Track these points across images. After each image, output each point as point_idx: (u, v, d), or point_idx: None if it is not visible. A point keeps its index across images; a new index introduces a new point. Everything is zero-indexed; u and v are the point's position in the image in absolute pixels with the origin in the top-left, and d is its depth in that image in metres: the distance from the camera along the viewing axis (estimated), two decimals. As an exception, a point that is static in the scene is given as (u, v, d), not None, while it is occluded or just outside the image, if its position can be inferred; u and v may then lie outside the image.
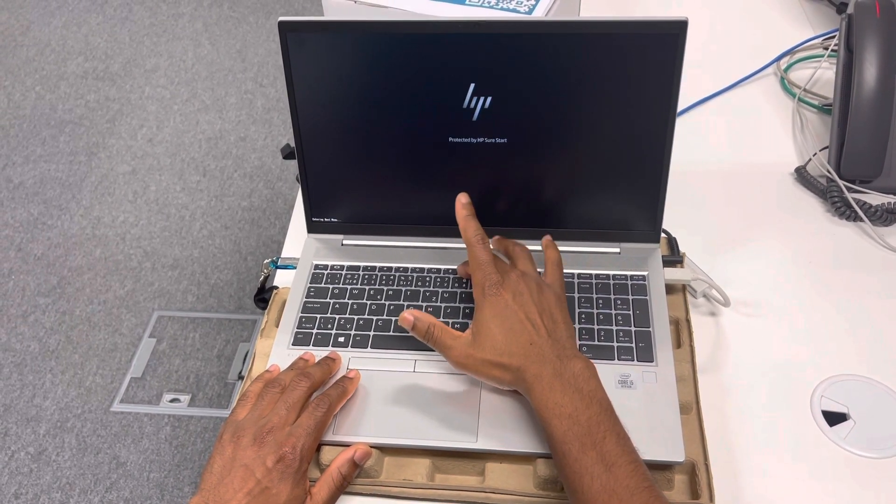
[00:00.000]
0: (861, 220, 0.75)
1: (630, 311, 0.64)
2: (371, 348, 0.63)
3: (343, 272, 0.69)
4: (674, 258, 0.70)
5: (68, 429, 1.50)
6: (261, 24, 2.56)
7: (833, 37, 0.97)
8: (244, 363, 1.58)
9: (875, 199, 0.78)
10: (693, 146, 0.85)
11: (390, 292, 0.67)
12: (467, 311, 0.65)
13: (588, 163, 0.66)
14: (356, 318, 0.65)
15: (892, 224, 0.76)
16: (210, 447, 1.46)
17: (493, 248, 0.64)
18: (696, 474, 0.55)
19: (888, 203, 0.76)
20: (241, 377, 1.53)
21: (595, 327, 0.63)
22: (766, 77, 0.96)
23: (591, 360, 0.54)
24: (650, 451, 0.54)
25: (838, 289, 0.70)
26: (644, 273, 0.67)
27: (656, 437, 0.55)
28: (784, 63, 0.97)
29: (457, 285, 0.67)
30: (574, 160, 0.66)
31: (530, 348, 0.54)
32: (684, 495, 0.55)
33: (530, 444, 0.56)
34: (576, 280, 0.67)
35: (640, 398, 0.58)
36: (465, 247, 0.61)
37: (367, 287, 0.68)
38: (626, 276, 0.67)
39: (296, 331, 0.65)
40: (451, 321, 0.64)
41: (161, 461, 1.44)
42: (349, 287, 0.68)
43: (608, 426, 0.50)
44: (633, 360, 0.61)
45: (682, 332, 0.65)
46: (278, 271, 0.74)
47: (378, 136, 0.67)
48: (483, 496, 0.56)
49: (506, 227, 0.69)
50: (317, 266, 0.70)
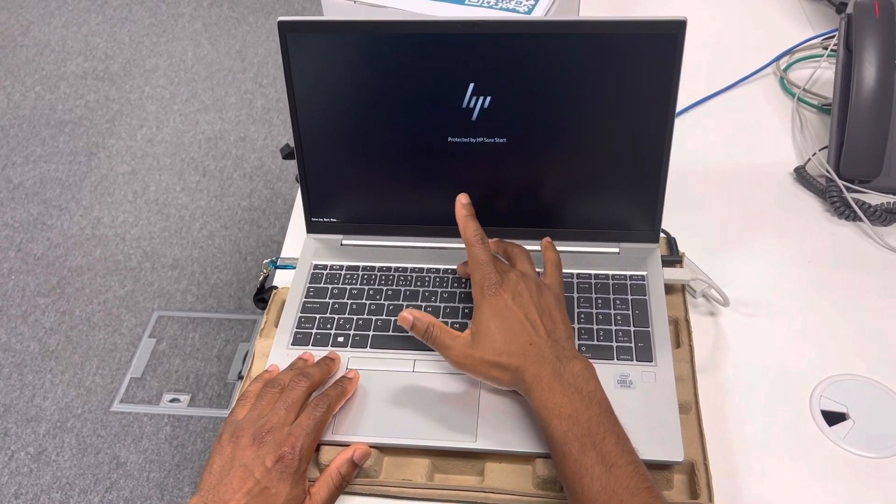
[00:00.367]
0: (860, 219, 0.75)
1: (629, 311, 0.64)
2: (370, 348, 0.63)
3: (342, 272, 0.69)
4: (673, 258, 0.70)
5: (68, 429, 1.50)
6: (260, 24, 2.56)
7: (832, 36, 0.97)
8: (244, 363, 1.58)
9: (874, 198, 0.78)
10: (692, 146, 0.85)
11: (389, 292, 0.67)
12: (466, 311, 0.65)
13: (587, 163, 0.66)
14: (355, 318, 0.65)
15: (892, 224, 0.76)
16: (210, 447, 1.46)
17: (492, 250, 0.64)
18: (695, 474, 0.55)
19: (887, 203, 0.76)
20: (240, 377, 1.53)
21: (594, 327, 0.63)
22: (766, 77, 0.96)
23: (591, 361, 0.54)
24: (649, 451, 0.54)
25: (838, 288, 0.70)
26: (643, 273, 0.67)
27: (655, 436, 0.55)
28: (783, 63, 0.97)
29: (456, 285, 0.67)
30: (573, 160, 0.66)
31: (529, 349, 0.54)
32: (683, 495, 0.55)
33: (529, 444, 0.56)
34: (575, 280, 0.67)
35: (639, 398, 0.58)
36: (464, 247, 0.61)
37: (366, 287, 0.68)
38: (625, 276, 0.67)
39: (295, 331, 0.65)
40: (450, 321, 0.64)
41: (161, 461, 1.44)
42: (348, 287, 0.68)
43: (608, 427, 0.50)
44: (632, 360, 0.61)
45: (681, 332, 0.65)
46: (278, 271, 0.74)
47: (377, 136, 0.67)
48: (482, 496, 0.56)
49: (505, 227, 0.69)
50: (316, 266, 0.70)
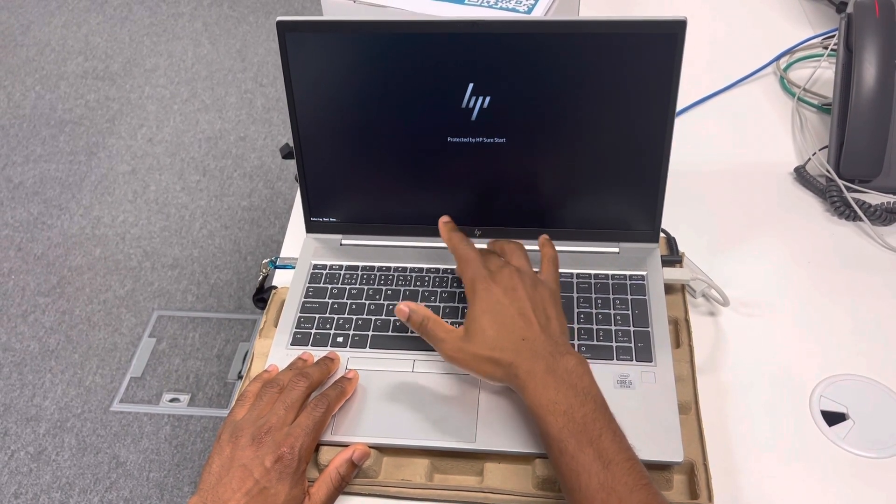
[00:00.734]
0: (860, 219, 0.75)
1: (629, 311, 0.64)
2: (370, 348, 0.63)
3: (342, 272, 0.69)
4: (673, 258, 0.70)
5: (68, 428, 1.50)
6: (260, 23, 2.56)
7: (832, 36, 0.97)
8: (244, 363, 1.57)
9: (874, 198, 0.78)
10: (692, 146, 0.85)
11: (389, 292, 0.67)
12: (465, 310, 0.65)
13: (587, 162, 0.66)
14: (355, 317, 0.65)
15: (892, 224, 0.76)
16: (210, 447, 1.46)
17: (488, 248, 0.64)
18: (694, 474, 0.55)
19: (887, 203, 0.76)
20: (240, 377, 1.53)
21: (594, 327, 0.63)
22: (766, 76, 0.96)
23: (587, 359, 0.54)
24: (649, 451, 0.54)
25: (838, 288, 0.70)
26: (643, 273, 0.67)
27: (655, 437, 0.55)
28: (783, 62, 0.97)
29: (455, 285, 0.67)
30: (573, 160, 0.66)
31: (522, 343, 0.54)
32: (683, 495, 0.55)
33: (529, 445, 0.56)
34: (574, 280, 0.67)
35: (638, 398, 0.58)
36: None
37: (365, 287, 0.68)
38: (624, 275, 0.67)
39: (294, 331, 0.65)
40: (449, 321, 0.64)
41: (161, 461, 1.44)
42: (348, 287, 0.68)
43: (604, 423, 0.50)
44: (631, 360, 0.61)
45: (681, 332, 0.65)
46: (277, 271, 0.74)
47: (377, 136, 0.67)
48: (482, 496, 0.56)
49: (505, 227, 0.69)
50: (315, 266, 0.70)
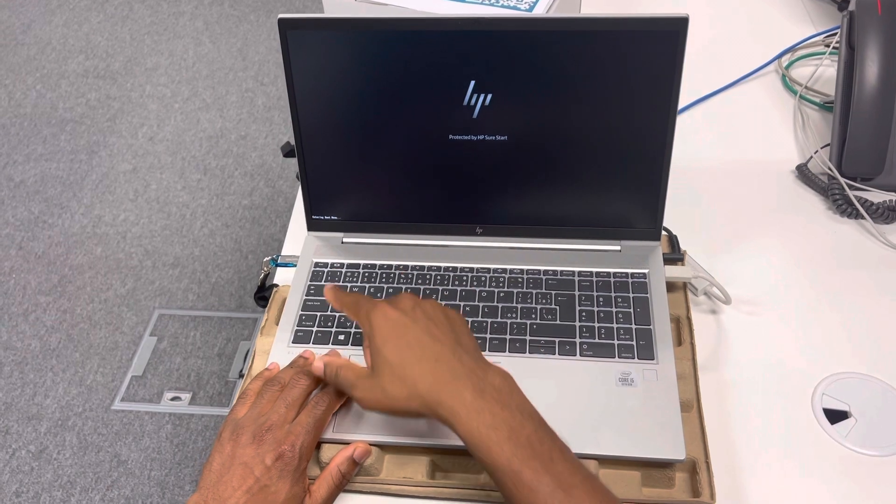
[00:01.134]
0: (862, 217, 0.75)
1: (631, 309, 0.64)
2: (371, 346, 0.63)
3: (343, 270, 0.69)
4: (675, 256, 0.70)
5: (69, 427, 1.50)
6: (261, 22, 2.55)
7: (834, 34, 0.97)
8: (245, 361, 1.57)
9: (876, 196, 0.77)
10: (694, 144, 0.85)
11: (390, 290, 0.67)
12: (467, 309, 0.65)
13: (589, 160, 0.66)
14: (356, 315, 0.65)
15: (894, 221, 0.76)
16: (211, 445, 1.45)
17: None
18: (696, 472, 0.55)
19: (889, 201, 0.76)
20: (241, 375, 1.53)
21: (595, 325, 0.63)
22: (768, 75, 0.96)
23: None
24: (651, 449, 0.54)
25: (839, 287, 0.70)
26: (645, 271, 0.67)
27: (657, 435, 0.55)
28: (785, 60, 0.96)
29: (457, 283, 0.67)
30: (575, 158, 0.66)
31: (437, 366, 0.48)
32: (685, 493, 0.55)
33: (530, 442, 0.56)
34: (576, 278, 0.67)
35: (640, 396, 0.58)
36: (465, 244, 0.61)
37: (367, 285, 0.68)
38: (626, 273, 0.67)
39: (296, 329, 0.65)
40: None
41: (162, 459, 1.44)
42: (349, 285, 0.68)
43: (550, 442, 0.46)
44: (633, 358, 0.60)
45: (682, 330, 0.65)
46: (279, 269, 0.74)
47: (378, 134, 0.67)
48: (483, 494, 0.56)
49: (506, 225, 0.69)
50: (317, 264, 0.70)
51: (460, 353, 0.49)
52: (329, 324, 0.65)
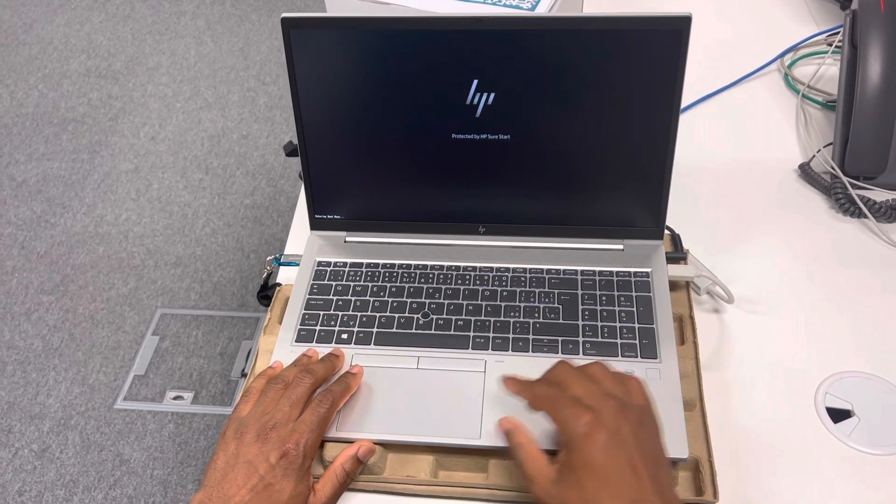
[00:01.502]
0: (865, 216, 0.75)
1: (633, 308, 0.64)
2: (374, 345, 0.63)
3: (346, 269, 0.69)
4: (677, 255, 0.70)
5: (72, 426, 1.50)
6: (263, 21, 2.56)
7: (837, 33, 0.97)
8: (247, 361, 1.58)
9: (879, 195, 0.77)
10: (697, 143, 0.85)
11: (393, 289, 0.67)
12: (470, 308, 0.65)
13: (591, 159, 0.66)
14: (359, 314, 0.65)
15: (897, 220, 0.76)
16: (213, 444, 1.46)
17: (551, 374, 0.53)
18: (699, 471, 0.55)
19: (892, 199, 0.76)
20: (243, 374, 1.53)
21: (598, 324, 0.63)
22: (770, 74, 0.96)
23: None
24: (654, 447, 0.54)
25: (842, 285, 0.70)
26: (647, 270, 0.67)
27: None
28: (788, 59, 0.96)
29: (459, 282, 0.67)
30: (577, 157, 0.66)
31: None
32: (688, 492, 0.55)
33: (535, 441, 0.56)
34: (579, 277, 0.67)
35: (643, 395, 0.58)
36: (468, 243, 0.61)
37: (370, 284, 0.68)
38: (629, 272, 0.67)
39: (299, 327, 0.65)
40: (454, 318, 0.64)
41: (164, 458, 1.45)
42: (352, 284, 0.68)
43: None
44: (636, 357, 0.60)
45: (685, 329, 0.65)
46: (281, 268, 0.74)
47: (381, 133, 0.67)
48: (487, 493, 0.56)
49: (508, 224, 0.69)
50: (320, 263, 0.70)
51: (660, 491, 0.45)
52: (332, 323, 0.65)
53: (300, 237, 0.75)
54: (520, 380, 0.54)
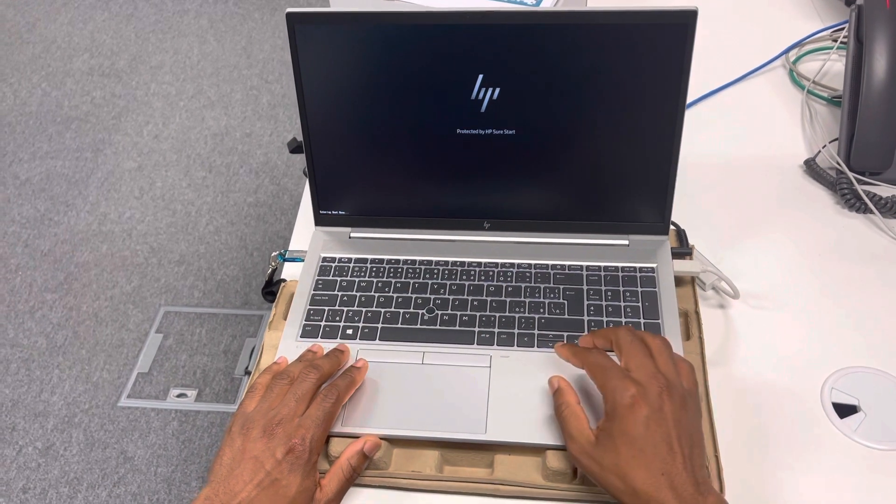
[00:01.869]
0: (871, 212, 0.75)
1: (639, 304, 0.64)
2: (379, 340, 0.63)
3: (351, 265, 0.69)
4: (683, 250, 0.70)
5: (76, 424, 1.51)
6: (266, 20, 2.56)
7: (842, 28, 0.97)
8: (251, 358, 1.58)
9: (885, 190, 0.77)
10: (702, 139, 0.85)
11: (398, 284, 0.67)
12: (475, 303, 0.65)
13: (597, 154, 0.66)
14: (364, 310, 0.65)
15: (903, 216, 0.75)
16: (217, 442, 1.46)
17: (610, 337, 0.56)
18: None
19: (898, 195, 0.75)
20: (247, 372, 1.53)
21: (604, 319, 0.63)
22: (775, 69, 0.96)
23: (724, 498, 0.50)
24: (660, 442, 0.54)
25: (848, 281, 0.70)
26: (653, 265, 0.67)
27: (666, 428, 0.55)
28: (793, 55, 0.96)
29: (465, 278, 0.67)
30: (583, 152, 0.66)
31: (661, 478, 0.47)
32: (694, 487, 0.55)
33: (540, 436, 0.56)
34: (584, 272, 0.67)
35: (649, 390, 0.58)
36: (472, 239, 0.60)
37: (374, 279, 0.68)
38: (634, 268, 0.67)
39: (304, 323, 0.65)
40: (459, 313, 0.64)
41: (168, 456, 1.45)
42: (357, 279, 0.68)
43: None
44: (642, 352, 0.60)
45: (691, 325, 0.65)
46: (286, 264, 0.74)
47: (385, 128, 0.67)
48: (492, 488, 0.56)
49: (513, 220, 0.69)
50: (324, 259, 0.70)
51: (687, 471, 0.47)
52: (337, 318, 0.65)
53: (305, 233, 0.75)
54: (571, 346, 0.57)
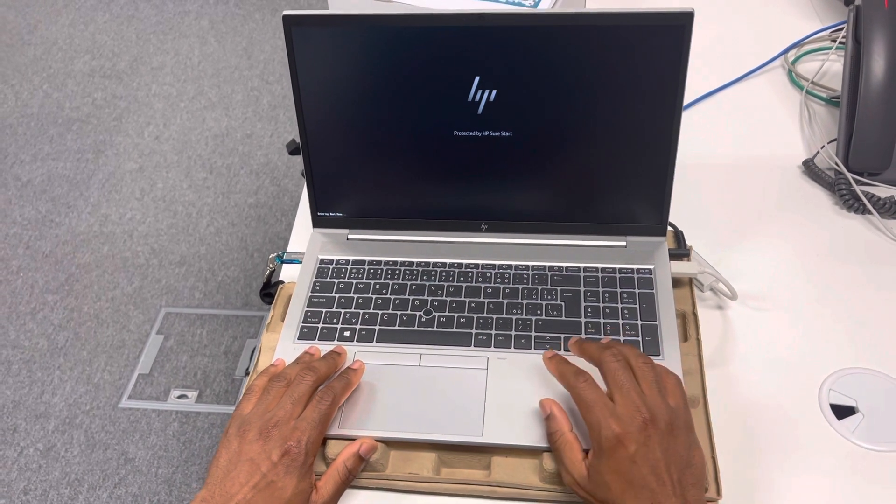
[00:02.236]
0: (869, 212, 0.75)
1: (636, 305, 0.64)
2: (376, 342, 0.63)
3: (348, 266, 0.69)
4: (680, 251, 0.70)
5: (77, 425, 1.51)
6: (266, 21, 2.56)
7: (841, 29, 0.97)
8: (251, 359, 1.58)
9: (883, 191, 0.77)
10: (700, 139, 0.85)
11: (396, 286, 0.67)
12: (472, 305, 0.65)
13: (594, 156, 0.66)
14: (361, 312, 0.65)
15: (901, 217, 0.75)
16: (217, 443, 1.46)
17: (593, 354, 0.56)
18: (703, 468, 0.55)
19: (897, 195, 0.75)
20: (247, 373, 1.53)
21: (601, 321, 0.63)
22: (774, 70, 0.96)
23: None
24: (657, 444, 0.54)
25: (846, 282, 0.70)
26: (650, 266, 0.67)
27: (663, 430, 0.55)
28: (791, 56, 0.96)
29: (462, 279, 0.67)
30: (580, 153, 0.66)
31: None
32: (691, 489, 0.55)
33: (536, 438, 0.56)
34: (581, 274, 0.67)
35: (646, 392, 0.58)
36: (470, 240, 0.61)
37: (372, 281, 0.68)
38: (632, 269, 0.67)
39: (301, 325, 0.65)
40: (456, 315, 0.64)
41: (169, 457, 1.45)
42: (355, 281, 0.68)
43: None
44: (639, 354, 0.60)
45: (688, 326, 0.65)
46: (284, 266, 0.74)
47: (383, 130, 0.67)
48: (489, 490, 0.56)
49: (511, 221, 0.69)
50: (322, 260, 0.70)
51: (680, 493, 0.48)
52: (334, 320, 0.65)
53: (303, 235, 0.75)
54: (561, 363, 0.57)
